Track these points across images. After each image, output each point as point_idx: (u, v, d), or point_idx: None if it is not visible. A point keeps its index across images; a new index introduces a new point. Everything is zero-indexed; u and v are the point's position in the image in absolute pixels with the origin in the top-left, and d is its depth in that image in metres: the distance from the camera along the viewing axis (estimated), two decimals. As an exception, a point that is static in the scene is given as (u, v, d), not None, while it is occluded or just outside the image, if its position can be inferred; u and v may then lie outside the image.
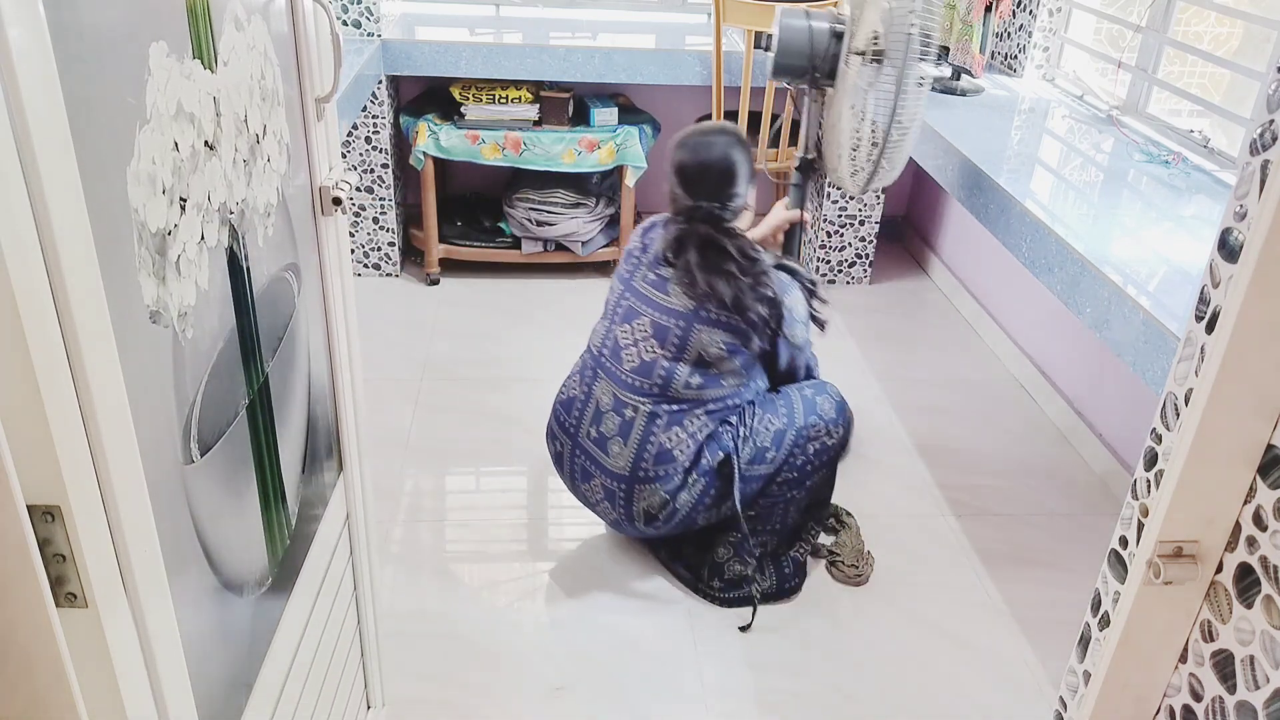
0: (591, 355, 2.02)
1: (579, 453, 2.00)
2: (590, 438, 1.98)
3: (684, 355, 1.89)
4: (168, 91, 0.76)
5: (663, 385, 1.90)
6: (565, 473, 2.07)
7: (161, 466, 0.78)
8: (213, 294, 0.87)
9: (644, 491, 1.93)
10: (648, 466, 1.91)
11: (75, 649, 0.67)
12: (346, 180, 1.24)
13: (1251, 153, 0.83)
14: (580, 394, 2.01)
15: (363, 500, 1.44)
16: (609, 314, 2.01)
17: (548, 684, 1.84)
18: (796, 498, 2.00)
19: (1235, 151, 2.20)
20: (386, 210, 3.25)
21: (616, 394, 1.94)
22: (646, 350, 1.91)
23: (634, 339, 1.92)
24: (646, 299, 1.93)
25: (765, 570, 2.05)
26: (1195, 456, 0.88)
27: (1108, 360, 2.50)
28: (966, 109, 2.64)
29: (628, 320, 1.95)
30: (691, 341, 1.88)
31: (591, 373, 2.00)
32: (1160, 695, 1.02)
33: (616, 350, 1.95)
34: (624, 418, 1.93)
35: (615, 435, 1.94)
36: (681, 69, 3.12)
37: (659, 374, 1.90)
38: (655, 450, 1.91)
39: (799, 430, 1.95)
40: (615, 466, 1.94)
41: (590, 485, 2.01)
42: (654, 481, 1.92)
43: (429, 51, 3.04)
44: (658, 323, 1.90)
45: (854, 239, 3.43)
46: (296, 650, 1.16)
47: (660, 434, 1.90)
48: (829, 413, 1.99)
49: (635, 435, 1.92)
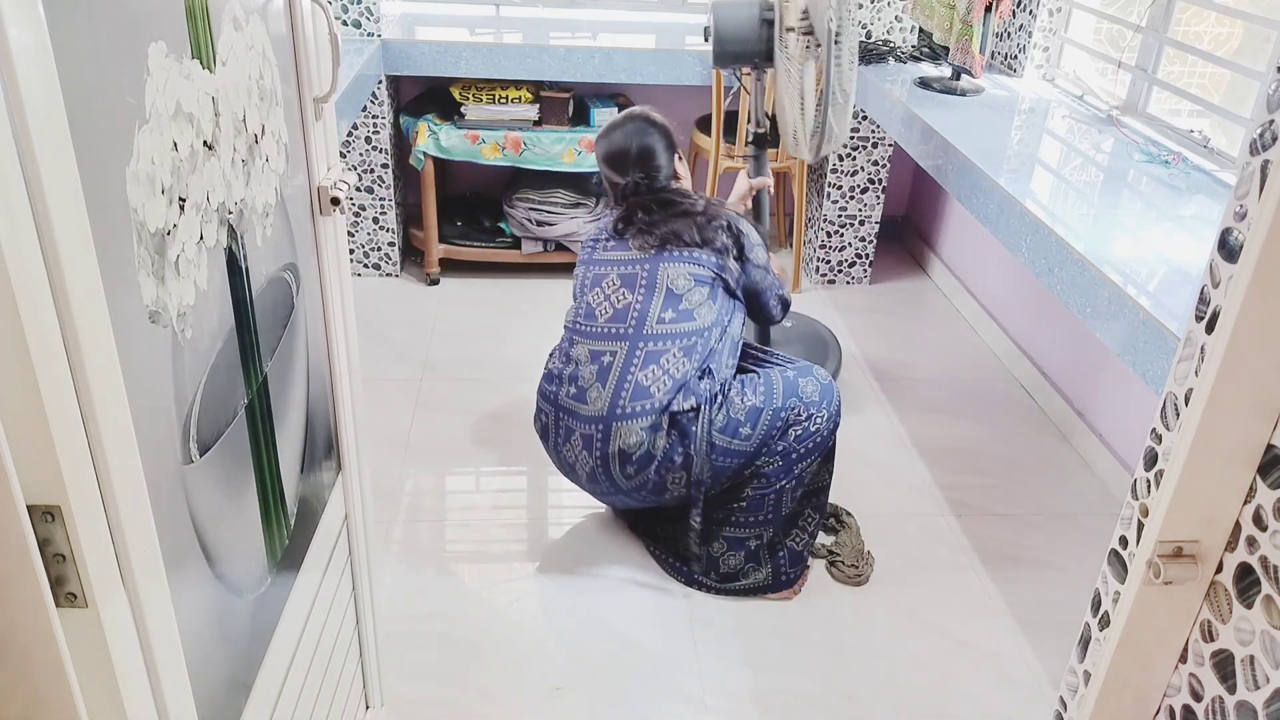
0: (567, 331, 2.08)
1: (561, 415, 2.02)
2: (569, 395, 2.00)
3: (654, 292, 1.98)
4: (167, 91, 0.76)
5: (637, 323, 1.97)
6: (550, 444, 2.07)
7: (161, 466, 0.78)
8: (212, 294, 0.87)
9: (621, 429, 1.93)
10: (624, 403, 1.93)
11: (75, 649, 0.67)
12: (345, 180, 1.24)
13: (1251, 153, 0.83)
14: (558, 365, 2.06)
15: (361, 500, 1.44)
16: (577, 293, 2.11)
17: (548, 684, 1.84)
18: (788, 486, 1.99)
19: (1235, 151, 2.20)
20: (386, 210, 3.25)
21: (592, 348, 1.99)
22: (618, 299, 2.00)
23: (604, 295, 2.02)
24: (608, 261, 2.05)
25: (762, 562, 2.05)
26: (1195, 456, 0.88)
27: (1108, 360, 2.50)
28: (966, 109, 2.64)
29: (596, 285, 2.05)
30: (658, 277, 1.99)
31: (568, 343, 2.06)
32: (1160, 695, 1.02)
33: (590, 313, 2.03)
34: (601, 364, 1.97)
35: (594, 383, 1.97)
36: (681, 69, 3.12)
37: (633, 315, 1.98)
38: (632, 387, 1.93)
39: (775, 411, 1.94)
40: (593, 411, 1.96)
41: (570, 443, 2.01)
42: (631, 418, 1.92)
43: (429, 51, 3.04)
44: (624, 273, 2.02)
45: (854, 239, 3.43)
46: (295, 650, 1.16)
47: (637, 371, 1.94)
48: (811, 395, 1.97)
49: (613, 377, 1.95)
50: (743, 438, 1.93)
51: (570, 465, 2.04)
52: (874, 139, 3.27)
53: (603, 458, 1.96)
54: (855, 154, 3.29)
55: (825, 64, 2.22)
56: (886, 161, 3.31)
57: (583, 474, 2.03)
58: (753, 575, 2.04)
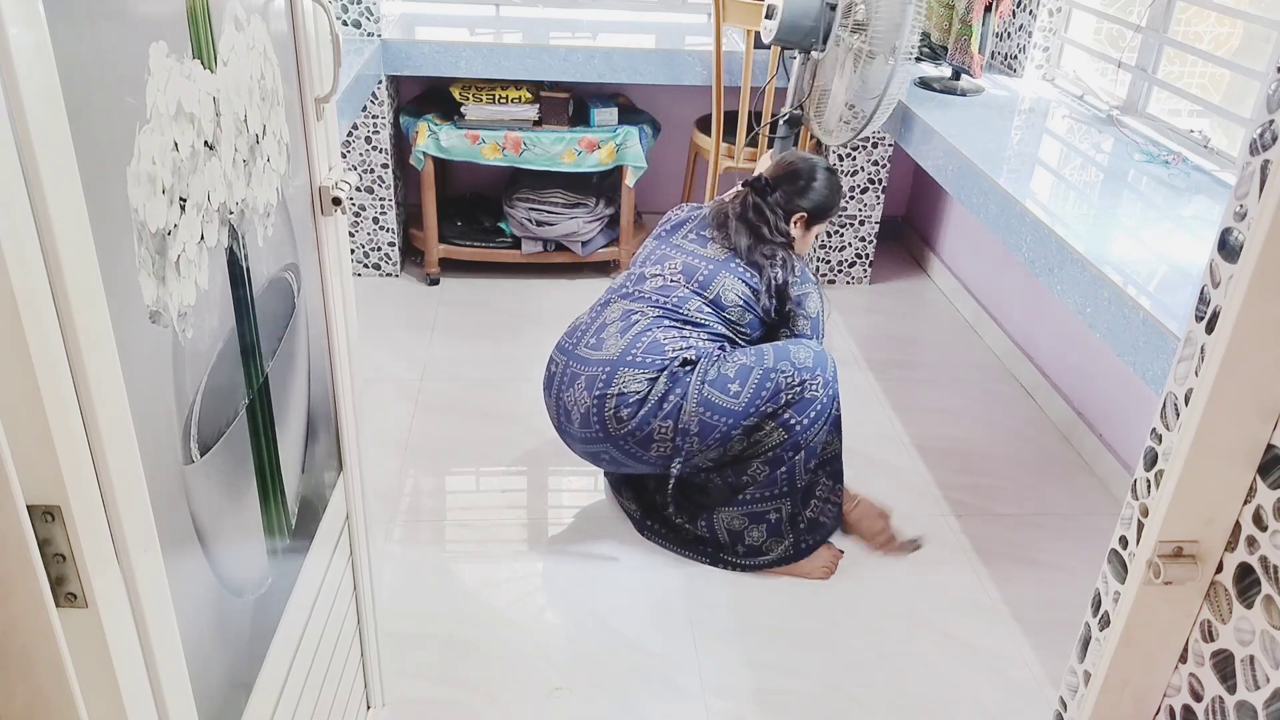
0: (609, 291, 2.13)
1: (572, 362, 2.03)
2: (587, 345, 2.03)
3: (704, 292, 2.05)
4: (167, 91, 0.76)
5: (677, 305, 2.03)
6: (552, 393, 2.07)
7: (161, 466, 0.78)
8: (212, 294, 0.87)
9: (625, 375, 1.95)
10: (636, 354, 1.96)
11: (75, 649, 0.67)
12: (346, 180, 1.24)
13: (1251, 153, 0.83)
14: (587, 319, 2.10)
15: (362, 500, 1.44)
16: (640, 262, 2.15)
17: (548, 684, 1.84)
18: (798, 459, 2.01)
19: (1235, 151, 2.20)
20: (386, 210, 3.25)
21: (628, 308, 2.04)
22: (672, 278, 2.08)
23: (661, 272, 2.10)
24: (680, 249, 2.11)
25: (784, 534, 2.08)
26: (1195, 456, 0.88)
27: (1108, 360, 2.50)
28: (966, 109, 2.64)
29: (659, 263, 2.11)
30: (715, 282, 2.05)
31: (605, 299, 2.11)
32: (1160, 695, 1.02)
33: (641, 279, 2.09)
34: (629, 321, 2.02)
35: (615, 334, 2.00)
36: (681, 69, 3.12)
37: (677, 295, 2.04)
38: (648, 342, 1.97)
39: (765, 370, 1.95)
40: (605, 355, 1.98)
41: (575, 388, 2.00)
42: (638, 367, 1.95)
43: (429, 51, 3.04)
44: (688, 263, 2.09)
45: (854, 239, 3.43)
46: (296, 650, 1.16)
47: (658, 331, 1.99)
48: (804, 361, 1.97)
49: (634, 329, 2.00)
50: (731, 394, 1.94)
51: (567, 411, 2.03)
52: (874, 139, 3.27)
53: (600, 399, 1.96)
54: (855, 154, 3.29)
55: (893, 67, 2.34)
56: (886, 161, 3.31)
57: (576, 417, 2.01)
58: (777, 549, 2.09)
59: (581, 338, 2.06)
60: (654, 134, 3.33)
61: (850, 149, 3.27)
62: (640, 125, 3.22)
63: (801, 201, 2.15)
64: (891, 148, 3.29)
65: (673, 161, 3.66)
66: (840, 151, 3.27)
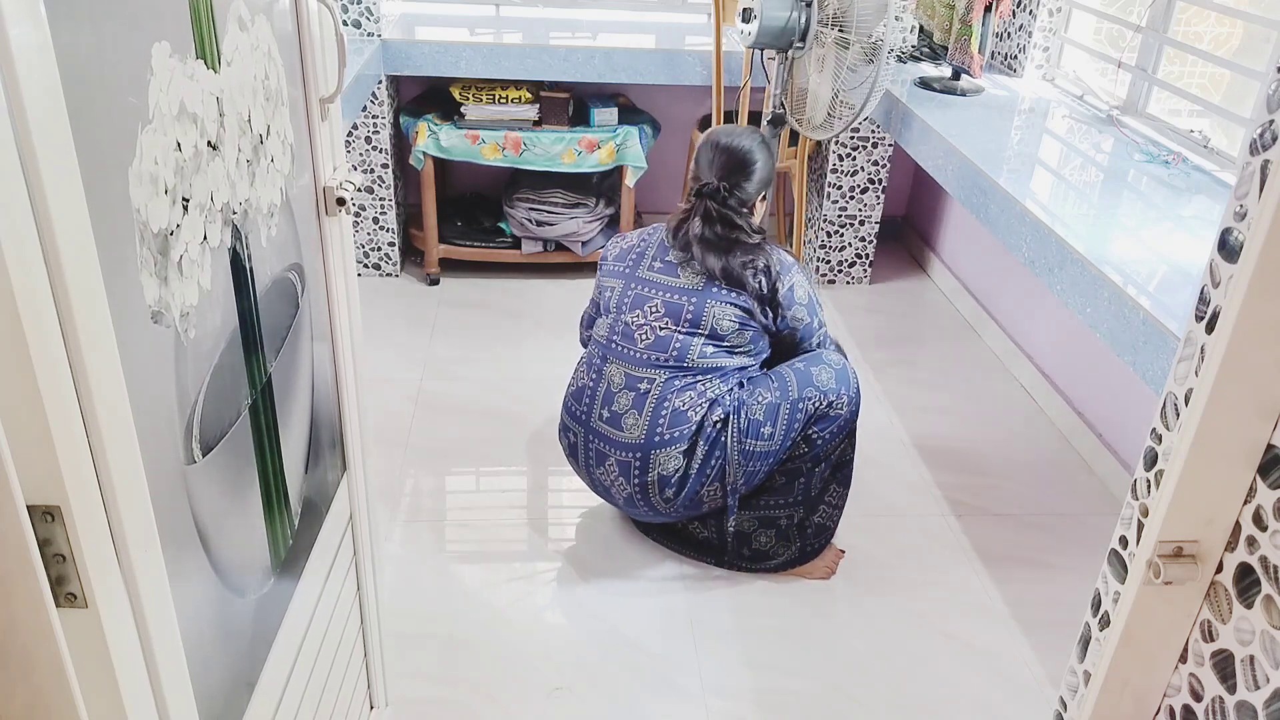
0: (599, 345, 2.04)
1: (592, 437, 2.01)
2: (603, 419, 1.99)
3: (698, 329, 1.94)
4: (170, 92, 0.76)
5: (678, 356, 1.94)
6: (580, 463, 2.07)
7: (162, 466, 0.78)
8: (215, 294, 0.87)
9: (659, 457, 1.93)
10: (663, 430, 1.93)
11: (75, 649, 0.67)
12: (350, 180, 1.24)
13: (1251, 153, 0.83)
14: (589, 381, 2.03)
15: (366, 500, 1.44)
16: (614, 308, 2.02)
17: (548, 684, 1.84)
18: (819, 470, 2.03)
19: (1235, 151, 2.20)
20: (386, 210, 3.25)
21: (629, 372, 1.97)
22: (660, 327, 1.96)
23: (646, 320, 1.97)
24: (654, 284, 1.98)
25: (792, 539, 2.08)
26: (1195, 456, 0.88)
27: (1108, 360, 2.50)
28: (966, 109, 2.64)
29: (637, 306, 1.98)
30: (705, 316, 1.93)
31: (600, 360, 2.02)
32: (1160, 695, 1.02)
33: (628, 333, 1.98)
34: (638, 391, 1.95)
35: (630, 409, 1.96)
36: (681, 69, 3.12)
37: (675, 346, 1.94)
38: (669, 413, 1.93)
39: (793, 404, 1.94)
40: (630, 438, 1.95)
41: (605, 467, 2.01)
42: (669, 445, 1.93)
43: (429, 51, 3.04)
44: (669, 302, 1.96)
45: (854, 239, 3.43)
46: (299, 651, 1.16)
47: (674, 398, 1.93)
48: (827, 383, 1.97)
49: (650, 404, 1.94)
50: (766, 437, 1.94)
51: (605, 488, 2.05)
52: (874, 139, 3.27)
53: (641, 486, 1.97)
54: (855, 154, 3.29)
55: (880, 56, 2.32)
56: (886, 161, 3.31)
57: (619, 498, 2.04)
58: (784, 553, 2.09)
59: (592, 407, 2.01)
60: (654, 134, 3.33)
61: (850, 149, 3.27)
62: (640, 125, 3.22)
63: (754, 186, 1.99)
64: (891, 148, 3.29)
65: (673, 161, 3.66)
66: (840, 151, 3.27)
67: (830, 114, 2.56)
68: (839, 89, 2.50)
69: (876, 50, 2.38)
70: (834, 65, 2.48)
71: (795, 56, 2.63)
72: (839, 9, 2.45)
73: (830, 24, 2.48)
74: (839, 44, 2.45)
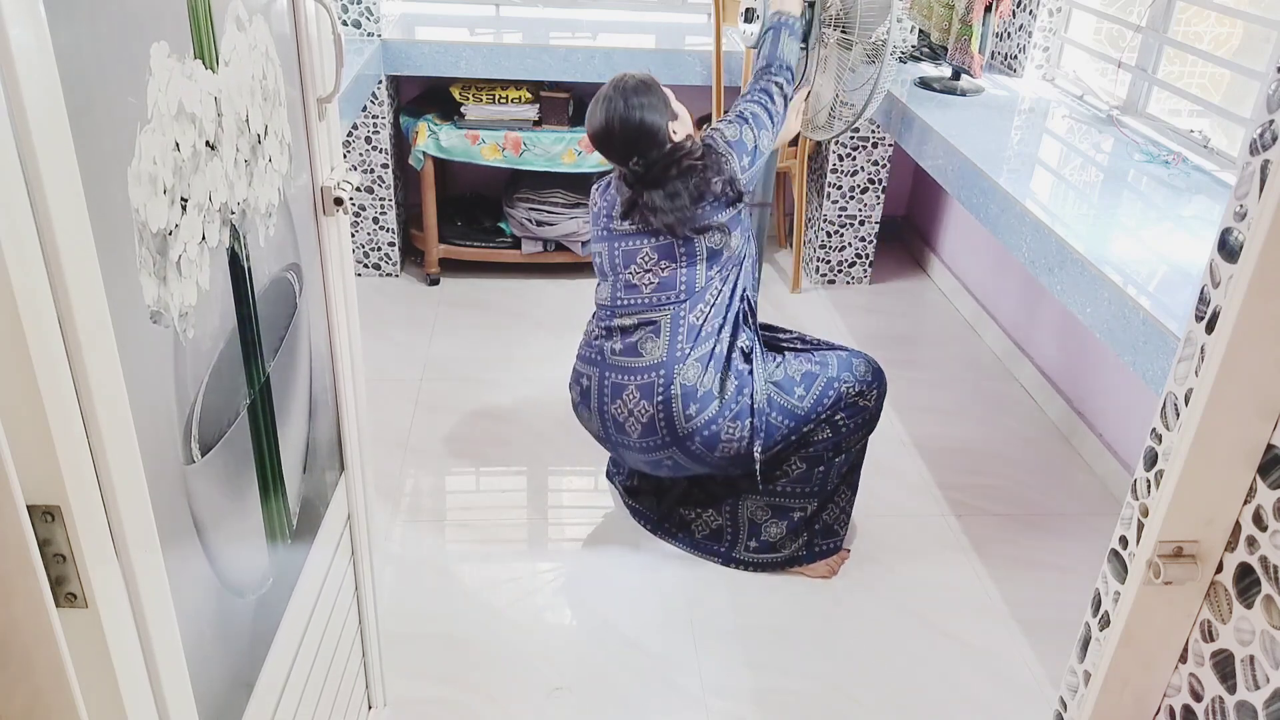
0: (605, 308, 2.04)
1: (608, 372, 1.98)
2: (618, 353, 1.98)
3: (695, 258, 1.95)
4: (169, 91, 0.76)
5: (688, 287, 1.96)
6: (592, 406, 2.02)
7: (162, 466, 0.78)
8: (214, 294, 0.87)
9: (683, 369, 1.93)
10: (684, 345, 1.94)
11: (75, 649, 0.67)
12: (348, 180, 1.24)
13: (1251, 153, 0.83)
14: (601, 330, 2.03)
15: (364, 500, 1.44)
16: (608, 271, 2.03)
17: (548, 684, 1.84)
18: (838, 462, 2.05)
19: (1235, 151, 2.20)
20: (386, 210, 3.25)
21: (641, 318, 1.98)
22: (662, 269, 1.96)
23: (644, 269, 1.97)
24: (633, 235, 1.97)
25: (800, 534, 2.09)
26: (1195, 456, 0.88)
27: (1108, 360, 2.50)
28: (966, 109, 2.64)
29: (630, 261, 1.98)
30: (695, 244, 1.94)
31: (609, 314, 2.02)
32: (1160, 695, 1.02)
33: (632, 287, 1.99)
34: (656, 324, 1.97)
35: (648, 337, 1.96)
36: (681, 69, 3.12)
37: (682, 281, 1.96)
38: (688, 331, 1.94)
39: (830, 379, 1.99)
40: (652, 360, 1.94)
41: (623, 398, 1.97)
42: (691, 357, 1.93)
43: (429, 51, 3.03)
44: (658, 245, 1.95)
45: (854, 239, 3.43)
46: (298, 650, 1.16)
47: (688, 315, 1.95)
48: (864, 374, 2.02)
49: (666, 328, 1.95)
50: (796, 398, 1.97)
51: (619, 423, 1.98)
52: (874, 139, 3.27)
53: (665, 402, 1.93)
54: (855, 154, 3.29)
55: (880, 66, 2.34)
56: (886, 161, 3.31)
57: (634, 427, 1.97)
58: (790, 546, 2.10)
59: (604, 348, 2.00)
60: (654, 134, 3.33)
61: (850, 149, 3.27)
62: (640, 125, 3.22)
63: (655, 123, 1.89)
64: (891, 148, 3.29)
65: (673, 161, 3.66)
66: (840, 151, 3.27)
67: (832, 115, 2.56)
68: (840, 90, 2.51)
69: (878, 51, 2.38)
70: (836, 66, 2.49)
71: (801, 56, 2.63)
72: (841, 10, 2.46)
73: (832, 25, 2.49)
74: (841, 45, 2.46)
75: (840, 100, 2.54)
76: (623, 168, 1.94)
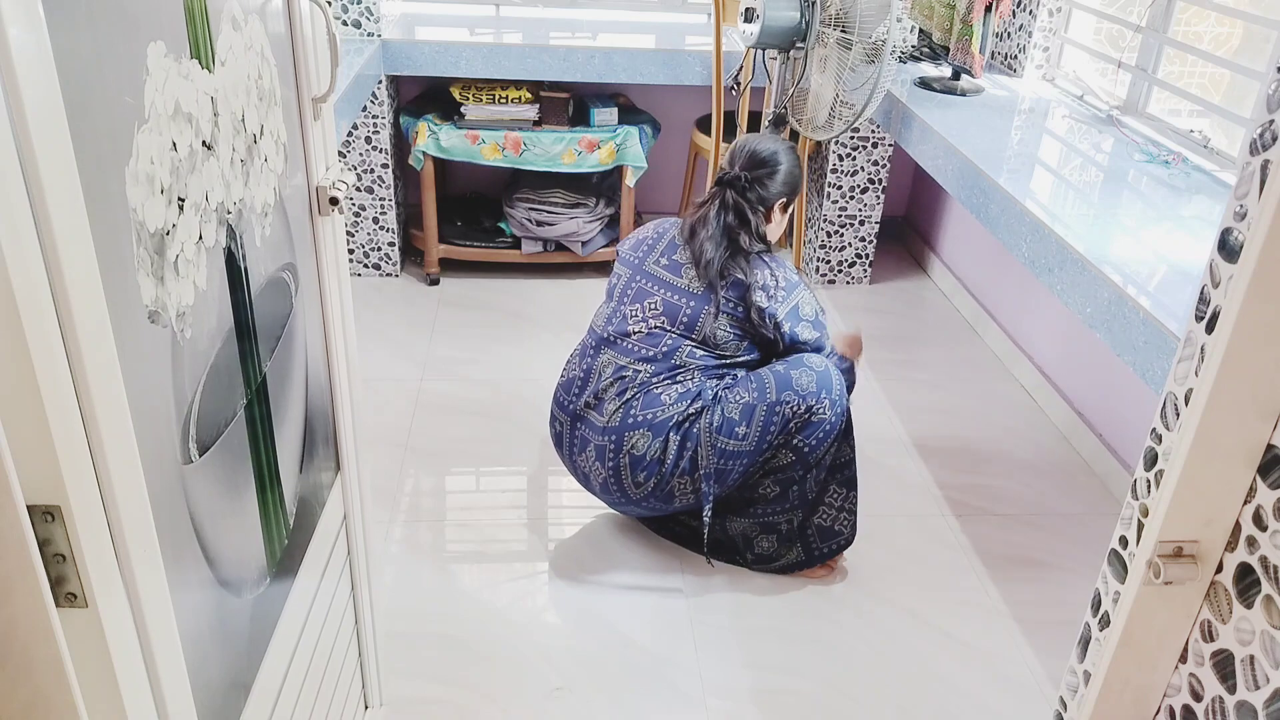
0: (594, 335, 2.06)
1: (577, 424, 2.03)
2: (588, 406, 2.01)
3: (691, 335, 1.96)
4: (166, 91, 0.76)
5: (667, 354, 1.96)
6: (565, 452, 2.09)
7: (160, 466, 0.78)
8: (211, 294, 0.87)
9: (631, 437, 1.94)
10: (636, 413, 1.94)
11: (75, 649, 0.67)
12: (343, 180, 1.24)
13: (1251, 153, 0.83)
14: (579, 373, 2.05)
15: (360, 500, 1.44)
16: (617, 296, 2.06)
17: (548, 684, 1.84)
18: (809, 475, 2.02)
19: (1235, 151, 2.20)
20: (386, 210, 3.25)
21: (619, 362, 1.99)
22: (656, 325, 1.99)
23: (644, 316, 1.99)
24: (658, 280, 2.00)
25: (793, 541, 2.08)
26: (1195, 456, 0.88)
27: (1108, 360, 2.50)
28: (966, 109, 2.64)
29: (638, 300, 2.01)
30: (700, 323, 1.95)
31: (594, 350, 2.04)
32: (1160, 695, 1.02)
33: (623, 326, 2.01)
34: (623, 379, 1.97)
35: (612, 397, 1.97)
36: (681, 69, 3.12)
37: (666, 344, 1.97)
38: (644, 399, 1.95)
39: (770, 405, 1.91)
40: (607, 423, 1.97)
41: (585, 454, 2.02)
42: (641, 426, 1.93)
43: (429, 51, 3.04)
44: (669, 301, 1.98)
45: (854, 239, 3.43)
46: (294, 650, 1.16)
47: (656, 388, 1.95)
48: (807, 387, 1.92)
49: (630, 391, 1.96)
50: (739, 437, 1.92)
51: (585, 475, 2.06)
52: (874, 139, 3.27)
53: (615, 469, 1.97)
54: (855, 154, 3.29)
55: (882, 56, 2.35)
56: (886, 161, 3.31)
57: (596, 484, 2.04)
58: (786, 555, 2.10)
59: (580, 395, 2.03)
60: (654, 134, 3.33)
61: (850, 149, 3.27)
62: (640, 125, 3.22)
63: (778, 186, 2.01)
64: (891, 148, 3.29)
65: (673, 161, 3.66)
66: (840, 151, 3.27)
67: (832, 114, 2.56)
68: (840, 90, 2.51)
69: (878, 51, 2.38)
70: (836, 66, 2.48)
71: (797, 57, 2.63)
72: (841, 9, 2.46)
73: (832, 24, 2.48)
74: (841, 44, 2.46)
75: (840, 100, 2.54)
76: (729, 171, 2.00)
